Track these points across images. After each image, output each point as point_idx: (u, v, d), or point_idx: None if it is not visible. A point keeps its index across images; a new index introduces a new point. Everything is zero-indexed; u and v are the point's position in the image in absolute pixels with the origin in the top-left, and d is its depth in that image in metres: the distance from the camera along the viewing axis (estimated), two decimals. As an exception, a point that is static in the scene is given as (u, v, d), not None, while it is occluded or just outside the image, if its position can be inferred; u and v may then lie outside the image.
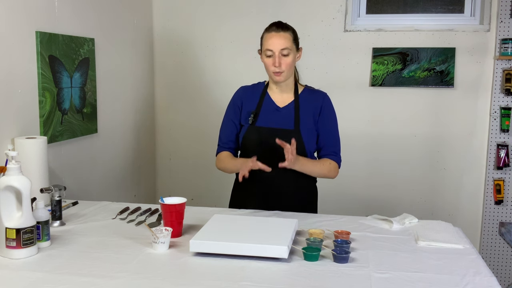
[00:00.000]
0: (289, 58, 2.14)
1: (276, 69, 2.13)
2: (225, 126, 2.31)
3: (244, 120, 2.25)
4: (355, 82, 3.55)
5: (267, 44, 2.14)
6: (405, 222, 1.98)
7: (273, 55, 2.13)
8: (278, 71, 2.14)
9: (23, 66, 2.29)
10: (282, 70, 2.13)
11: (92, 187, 2.93)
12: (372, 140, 3.58)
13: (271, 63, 2.14)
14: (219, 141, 2.32)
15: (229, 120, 2.29)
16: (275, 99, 2.25)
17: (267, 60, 2.15)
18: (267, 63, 2.16)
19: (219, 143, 2.32)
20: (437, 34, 3.43)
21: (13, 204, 1.61)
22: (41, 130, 2.41)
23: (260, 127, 2.20)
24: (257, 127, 2.21)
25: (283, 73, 2.15)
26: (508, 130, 3.36)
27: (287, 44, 2.12)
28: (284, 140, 2.02)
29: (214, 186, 3.69)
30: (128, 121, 3.40)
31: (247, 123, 2.23)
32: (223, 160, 2.27)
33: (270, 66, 2.15)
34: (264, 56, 2.16)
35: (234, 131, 2.27)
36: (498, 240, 3.44)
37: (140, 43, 3.55)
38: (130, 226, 1.93)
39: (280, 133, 2.14)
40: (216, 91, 3.67)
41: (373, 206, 3.48)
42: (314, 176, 2.23)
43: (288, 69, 2.16)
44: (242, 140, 2.23)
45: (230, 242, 1.61)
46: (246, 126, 2.23)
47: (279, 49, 2.11)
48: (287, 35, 2.14)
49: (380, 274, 1.52)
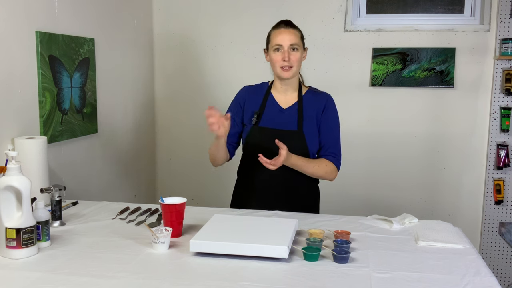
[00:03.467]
0: (298, 53, 2.13)
1: (285, 63, 2.12)
2: None
3: (247, 120, 2.24)
4: (355, 82, 3.55)
5: (277, 40, 2.13)
6: (405, 222, 1.98)
7: (282, 49, 2.12)
8: (287, 65, 2.12)
9: (23, 66, 2.29)
10: (291, 64, 2.12)
11: (92, 187, 2.93)
12: (372, 140, 3.58)
13: (280, 58, 2.12)
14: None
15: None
16: (278, 100, 2.24)
17: (275, 55, 2.13)
18: (275, 58, 2.14)
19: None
20: (437, 34, 3.43)
21: (13, 204, 1.61)
22: (41, 130, 2.41)
23: (264, 127, 2.19)
24: (260, 127, 2.20)
25: (292, 69, 2.13)
26: (508, 130, 3.36)
27: (296, 40, 2.13)
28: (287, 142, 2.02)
29: (214, 186, 3.69)
30: (128, 121, 3.40)
31: (250, 124, 2.22)
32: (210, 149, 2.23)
33: (279, 61, 2.13)
34: (272, 52, 2.14)
35: (232, 127, 2.23)
36: (498, 240, 3.44)
37: (140, 43, 3.55)
38: (130, 226, 1.93)
39: (284, 134, 2.14)
40: (216, 91, 3.68)
41: (373, 206, 3.48)
42: (309, 175, 2.17)
43: (297, 65, 2.15)
44: (245, 140, 2.23)
45: (230, 242, 1.61)
46: (249, 127, 2.22)
47: (288, 44, 2.11)
48: (296, 32, 2.15)
49: (380, 274, 1.52)
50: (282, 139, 2.09)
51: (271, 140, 2.05)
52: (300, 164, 2.11)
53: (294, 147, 2.11)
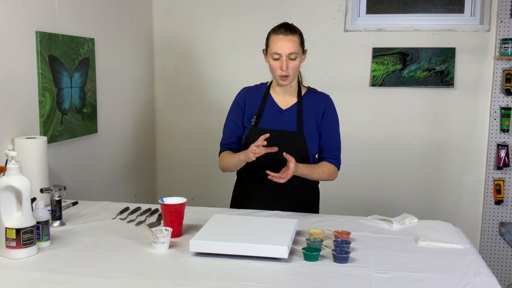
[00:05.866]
0: (296, 62, 2.13)
1: (283, 73, 2.12)
2: (227, 126, 2.29)
3: (246, 122, 2.24)
4: (355, 82, 3.55)
5: (275, 47, 2.11)
6: (405, 222, 1.98)
7: (280, 58, 2.11)
8: (285, 74, 2.13)
9: (23, 66, 2.29)
10: (289, 74, 2.12)
11: (92, 187, 2.93)
12: (372, 140, 3.58)
13: (278, 67, 2.12)
14: (221, 141, 2.30)
15: (231, 120, 2.27)
16: (278, 101, 2.24)
17: (274, 63, 2.13)
18: (273, 66, 2.14)
19: (221, 143, 2.30)
20: (437, 34, 3.43)
21: (13, 204, 1.61)
22: (41, 130, 2.41)
23: (263, 128, 2.19)
24: (260, 128, 2.19)
25: (290, 77, 2.14)
26: (508, 130, 3.36)
27: (295, 49, 2.11)
28: (286, 143, 2.02)
29: (214, 186, 3.69)
30: (128, 121, 3.40)
31: (249, 125, 2.22)
32: (224, 158, 2.24)
33: (277, 70, 2.13)
34: (271, 59, 2.14)
35: (236, 131, 2.25)
36: (498, 240, 3.44)
37: (140, 43, 3.55)
38: (130, 226, 1.93)
39: (284, 135, 2.15)
40: (216, 91, 3.68)
41: (373, 206, 3.48)
42: (314, 180, 2.23)
43: (294, 73, 2.15)
44: (245, 141, 2.22)
45: (230, 242, 1.61)
46: (249, 128, 2.22)
47: (287, 53, 2.09)
48: (295, 39, 2.12)
49: (380, 274, 1.52)
50: (282, 139, 2.10)
51: (271, 141, 2.05)
52: (307, 173, 2.14)
53: (294, 148, 2.12)
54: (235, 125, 2.26)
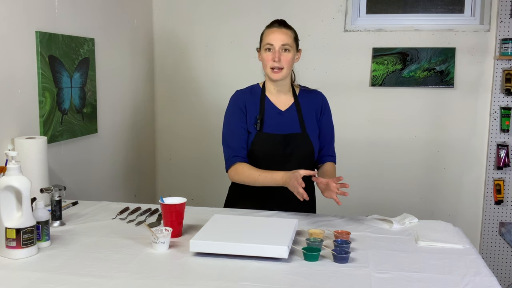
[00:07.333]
0: (290, 54, 2.09)
1: (276, 64, 2.07)
2: (233, 133, 2.14)
3: (250, 126, 2.16)
4: (355, 82, 3.55)
5: (268, 39, 2.09)
6: (405, 222, 1.98)
7: (273, 49, 2.08)
8: (277, 66, 2.08)
9: (23, 66, 2.29)
10: (282, 66, 2.08)
11: (92, 187, 2.93)
12: (372, 140, 3.58)
13: (270, 58, 2.08)
14: (229, 150, 2.13)
15: (236, 125, 2.15)
16: (275, 102, 2.20)
17: (266, 55, 2.09)
18: (265, 58, 2.10)
19: (229, 152, 2.14)
20: (437, 34, 3.43)
21: (13, 204, 1.61)
22: (41, 130, 2.41)
23: (270, 133, 2.13)
24: (266, 133, 2.13)
25: (283, 70, 2.09)
26: (508, 130, 3.36)
27: (288, 41, 2.09)
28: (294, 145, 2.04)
29: (214, 186, 3.69)
30: (128, 121, 3.40)
31: (254, 130, 2.14)
32: (244, 172, 2.08)
33: (269, 61, 2.09)
34: (263, 51, 2.11)
35: (244, 137, 2.13)
36: (498, 240, 3.44)
37: (140, 43, 3.55)
38: (130, 226, 1.93)
39: (290, 138, 2.14)
40: (216, 91, 3.67)
41: (373, 206, 3.48)
42: None
43: (287, 67, 2.11)
44: (251, 147, 2.14)
45: (230, 242, 1.61)
46: (253, 133, 2.14)
47: (280, 44, 2.07)
48: (288, 32, 2.11)
49: (380, 274, 1.51)
50: (289, 143, 2.10)
51: (279, 145, 2.05)
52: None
53: (301, 149, 2.13)
54: (242, 131, 2.14)
